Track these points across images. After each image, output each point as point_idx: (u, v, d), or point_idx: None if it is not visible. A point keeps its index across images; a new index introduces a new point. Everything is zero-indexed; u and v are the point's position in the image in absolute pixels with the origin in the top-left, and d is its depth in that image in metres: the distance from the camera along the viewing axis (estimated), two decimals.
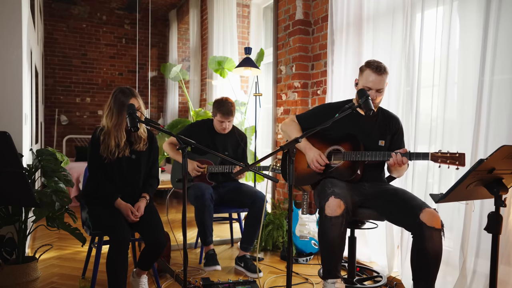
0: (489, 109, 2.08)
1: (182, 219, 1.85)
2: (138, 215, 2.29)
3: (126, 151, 2.34)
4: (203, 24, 5.75)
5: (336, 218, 1.93)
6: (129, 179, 2.38)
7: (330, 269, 1.99)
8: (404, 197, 2.03)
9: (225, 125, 2.95)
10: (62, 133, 6.53)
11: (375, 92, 2.16)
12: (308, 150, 2.27)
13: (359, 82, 2.25)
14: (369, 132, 2.25)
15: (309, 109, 2.44)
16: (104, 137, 2.30)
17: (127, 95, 2.28)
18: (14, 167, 1.58)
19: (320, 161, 2.20)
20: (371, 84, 2.16)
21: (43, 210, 2.26)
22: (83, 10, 6.66)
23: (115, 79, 6.88)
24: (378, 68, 2.16)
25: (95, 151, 2.31)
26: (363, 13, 2.95)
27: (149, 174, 2.49)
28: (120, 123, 2.29)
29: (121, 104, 2.26)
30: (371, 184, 2.21)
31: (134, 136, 2.39)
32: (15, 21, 2.56)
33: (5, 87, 2.54)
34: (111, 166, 2.32)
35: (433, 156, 1.93)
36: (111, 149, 2.29)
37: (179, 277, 2.45)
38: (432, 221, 1.86)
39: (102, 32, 6.80)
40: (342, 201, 1.95)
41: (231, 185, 3.02)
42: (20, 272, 2.24)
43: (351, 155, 2.17)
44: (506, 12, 2.02)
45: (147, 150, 2.44)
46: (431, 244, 1.85)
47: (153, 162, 2.50)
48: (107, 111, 2.31)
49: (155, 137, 2.53)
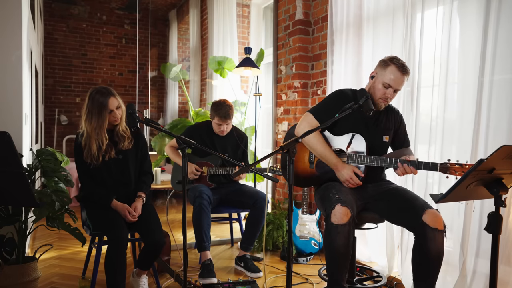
0: (489, 109, 2.08)
1: (182, 219, 1.85)
2: (136, 215, 2.28)
3: (112, 152, 2.31)
4: (203, 24, 5.75)
5: (342, 226, 1.88)
6: (120, 180, 2.36)
7: (337, 280, 1.94)
8: (405, 197, 2.02)
9: (224, 128, 2.95)
10: (62, 133, 6.52)
11: (393, 91, 2.07)
12: (340, 167, 2.10)
13: (377, 75, 2.10)
14: (373, 128, 2.19)
15: (322, 101, 2.26)
16: (85, 142, 2.25)
17: (105, 95, 2.23)
18: (14, 167, 1.58)
19: (355, 180, 2.07)
20: (393, 82, 2.04)
21: (43, 210, 2.25)
22: (83, 10, 6.66)
23: (115, 79, 6.88)
24: (403, 67, 2.04)
25: (79, 157, 2.28)
26: (363, 13, 2.94)
27: (141, 170, 2.46)
28: (100, 125, 2.23)
29: (100, 105, 2.21)
30: (373, 185, 2.19)
31: (118, 136, 2.35)
32: (15, 21, 2.56)
33: (5, 87, 2.54)
34: (99, 170, 2.30)
35: (442, 167, 1.88)
36: (93, 154, 2.24)
37: (179, 277, 2.45)
38: (435, 222, 1.85)
39: (102, 32, 6.80)
40: (349, 209, 1.90)
41: (232, 187, 3.01)
42: (20, 272, 2.24)
43: (356, 158, 2.10)
44: (506, 12, 2.02)
45: (134, 147, 2.40)
46: (434, 245, 1.84)
47: (143, 157, 2.46)
48: (85, 114, 2.24)
49: (141, 132, 2.48)
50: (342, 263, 1.93)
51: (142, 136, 2.48)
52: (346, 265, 1.95)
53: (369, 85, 2.18)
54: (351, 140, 2.15)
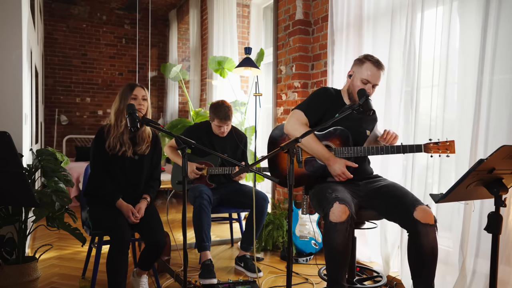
0: (489, 109, 2.08)
1: (182, 219, 1.85)
2: (139, 217, 2.28)
3: (129, 151, 2.34)
4: (203, 24, 5.75)
5: (341, 224, 1.89)
6: (131, 180, 2.38)
7: (336, 279, 1.94)
8: (395, 194, 2.02)
9: (223, 129, 2.95)
10: (62, 133, 6.53)
11: (372, 86, 2.15)
12: (332, 161, 2.12)
13: (354, 74, 2.20)
14: (358, 124, 2.23)
15: (308, 98, 2.31)
16: (109, 129, 2.33)
17: (134, 85, 2.35)
18: (14, 167, 1.58)
19: (347, 174, 2.11)
20: (370, 77, 2.13)
21: (43, 210, 2.26)
22: (83, 10, 6.66)
23: (115, 79, 6.88)
24: (378, 62, 2.15)
25: (97, 147, 2.31)
26: (363, 13, 2.95)
27: (151, 175, 2.49)
28: (122, 110, 2.32)
29: (127, 90, 2.33)
30: (364, 182, 2.20)
31: (139, 138, 2.39)
32: (15, 21, 2.56)
33: (5, 87, 2.54)
34: (114, 163, 2.32)
35: (426, 148, 1.98)
36: (112, 142, 2.30)
37: (179, 277, 2.45)
38: (425, 217, 1.87)
39: (102, 32, 6.80)
40: (347, 206, 1.91)
41: (232, 187, 3.01)
42: (20, 272, 2.24)
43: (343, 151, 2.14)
44: (505, 12, 2.02)
45: (150, 152, 2.44)
46: (427, 240, 1.86)
47: (155, 164, 2.50)
48: (114, 102, 2.36)
49: (159, 139, 2.52)
50: (342, 261, 1.93)
51: (159, 142, 2.51)
52: (346, 263, 1.96)
53: (348, 84, 2.26)
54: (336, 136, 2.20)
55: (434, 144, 1.98)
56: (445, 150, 1.94)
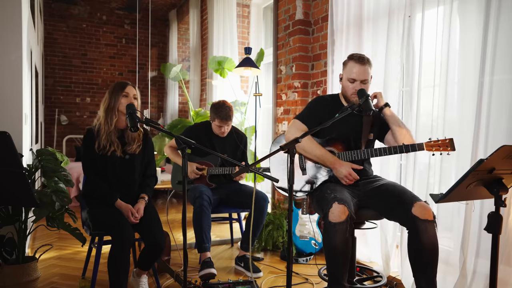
0: (489, 109, 2.08)
1: (182, 219, 1.85)
2: (138, 217, 2.28)
3: (118, 151, 2.32)
4: (203, 24, 5.75)
5: (340, 224, 1.89)
6: (124, 180, 2.36)
7: (337, 279, 1.94)
8: (394, 193, 2.03)
9: (224, 129, 2.96)
10: (62, 133, 6.53)
11: (360, 83, 2.16)
12: (338, 165, 2.14)
13: (343, 76, 2.25)
14: (358, 128, 2.24)
15: (305, 108, 2.38)
16: (98, 128, 2.31)
17: (125, 83, 2.33)
18: (14, 167, 1.57)
19: (353, 176, 2.12)
20: (355, 75, 2.15)
21: (43, 210, 2.25)
22: (83, 10, 6.66)
23: (115, 79, 6.88)
24: (360, 58, 2.17)
25: (87, 148, 2.30)
26: (363, 13, 2.94)
27: (145, 173, 2.47)
28: (112, 107, 2.29)
29: (117, 88, 2.30)
30: (363, 182, 2.20)
31: (128, 137, 2.37)
32: (15, 21, 2.56)
33: (5, 87, 2.54)
34: (105, 164, 2.30)
35: (427, 146, 1.98)
36: (101, 141, 2.28)
37: (179, 277, 2.45)
38: (424, 214, 1.87)
39: (102, 32, 6.80)
40: (346, 206, 1.92)
41: (232, 187, 3.01)
42: (20, 272, 2.24)
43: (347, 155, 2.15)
44: (506, 12, 2.02)
45: (142, 151, 2.42)
46: (427, 236, 1.86)
47: (148, 161, 2.48)
48: (103, 100, 2.33)
49: (149, 136, 2.51)
50: (342, 261, 1.93)
51: (150, 140, 2.50)
52: (346, 263, 1.96)
53: (341, 87, 2.31)
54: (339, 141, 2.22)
55: (434, 142, 1.99)
56: (445, 148, 1.95)
